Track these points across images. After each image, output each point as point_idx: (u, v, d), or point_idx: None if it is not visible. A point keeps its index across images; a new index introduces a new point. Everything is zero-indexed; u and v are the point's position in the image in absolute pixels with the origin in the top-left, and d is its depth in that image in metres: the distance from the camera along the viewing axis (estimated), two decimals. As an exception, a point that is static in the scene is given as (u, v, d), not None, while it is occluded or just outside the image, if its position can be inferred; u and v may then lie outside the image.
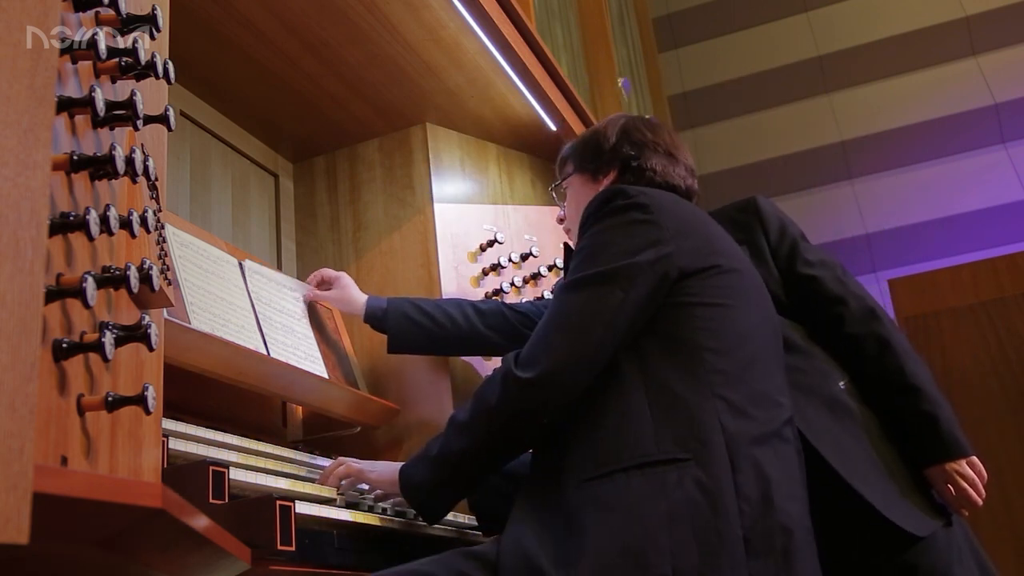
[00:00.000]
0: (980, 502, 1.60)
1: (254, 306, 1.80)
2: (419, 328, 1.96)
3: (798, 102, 4.97)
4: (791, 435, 1.35)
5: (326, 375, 1.92)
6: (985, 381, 3.75)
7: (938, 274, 4.09)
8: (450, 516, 1.70)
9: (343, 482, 1.51)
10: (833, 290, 1.74)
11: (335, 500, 1.46)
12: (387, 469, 1.48)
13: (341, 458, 1.56)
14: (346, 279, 2.06)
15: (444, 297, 2.20)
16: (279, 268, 2.28)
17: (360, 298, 2.02)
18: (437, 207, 2.32)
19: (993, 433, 3.62)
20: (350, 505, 1.47)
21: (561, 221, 1.76)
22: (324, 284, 2.08)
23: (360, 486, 1.55)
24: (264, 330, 1.79)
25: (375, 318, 1.99)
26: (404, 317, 1.97)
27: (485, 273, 2.34)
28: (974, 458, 1.62)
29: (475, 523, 1.69)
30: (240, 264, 1.84)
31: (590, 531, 1.15)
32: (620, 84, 3.67)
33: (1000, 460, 3.58)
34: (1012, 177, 4.47)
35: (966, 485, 1.59)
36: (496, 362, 2.27)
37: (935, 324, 3.90)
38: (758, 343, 1.37)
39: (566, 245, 1.63)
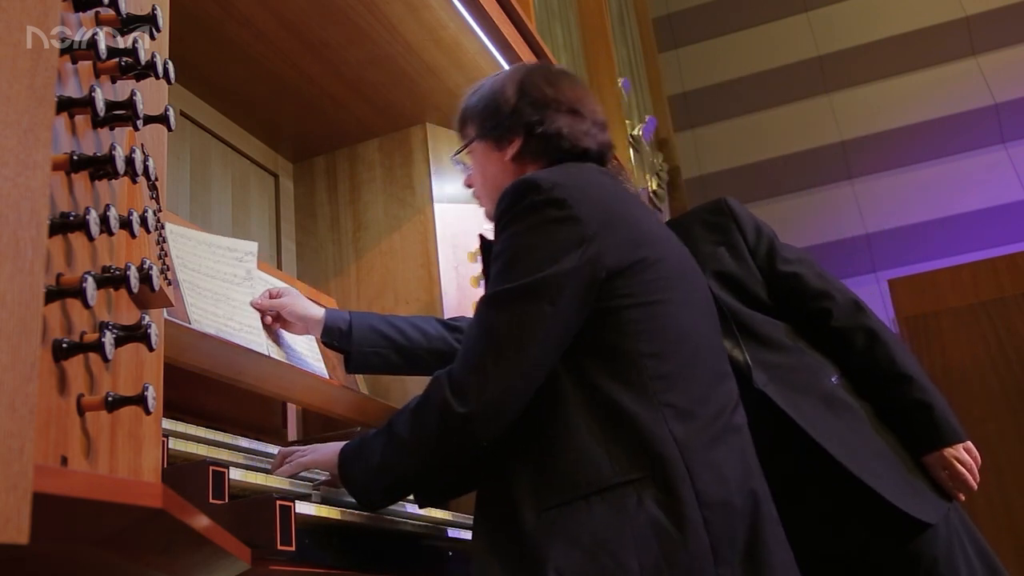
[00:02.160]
0: (975, 486, 1.63)
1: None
2: (388, 341, 1.73)
3: (798, 102, 4.98)
4: (740, 417, 1.33)
5: (326, 375, 1.92)
6: (985, 381, 3.75)
7: (938, 274, 4.09)
8: (451, 517, 1.70)
9: (285, 466, 1.45)
10: (816, 285, 1.75)
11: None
12: (327, 451, 1.41)
13: (283, 452, 1.49)
14: (295, 291, 1.78)
15: (444, 296, 2.20)
16: (279, 268, 2.28)
17: (316, 310, 1.74)
18: (437, 207, 2.32)
19: (993, 433, 3.62)
20: (351, 505, 1.47)
21: (469, 186, 1.62)
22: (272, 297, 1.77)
23: (310, 474, 1.49)
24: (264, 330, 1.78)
25: (337, 331, 1.71)
26: (371, 329, 1.73)
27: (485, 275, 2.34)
28: (969, 443, 1.64)
29: (462, 520, 1.68)
30: (255, 250, 1.83)
31: (556, 563, 1.12)
32: (620, 84, 3.67)
33: (1000, 460, 3.58)
34: (1012, 177, 4.47)
35: (963, 470, 1.62)
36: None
37: (935, 324, 3.90)
38: (699, 333, 1.34)
39: (482, 237, 1.50)
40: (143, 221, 0.79)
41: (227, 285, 1.79)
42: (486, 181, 1.55)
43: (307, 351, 1.91)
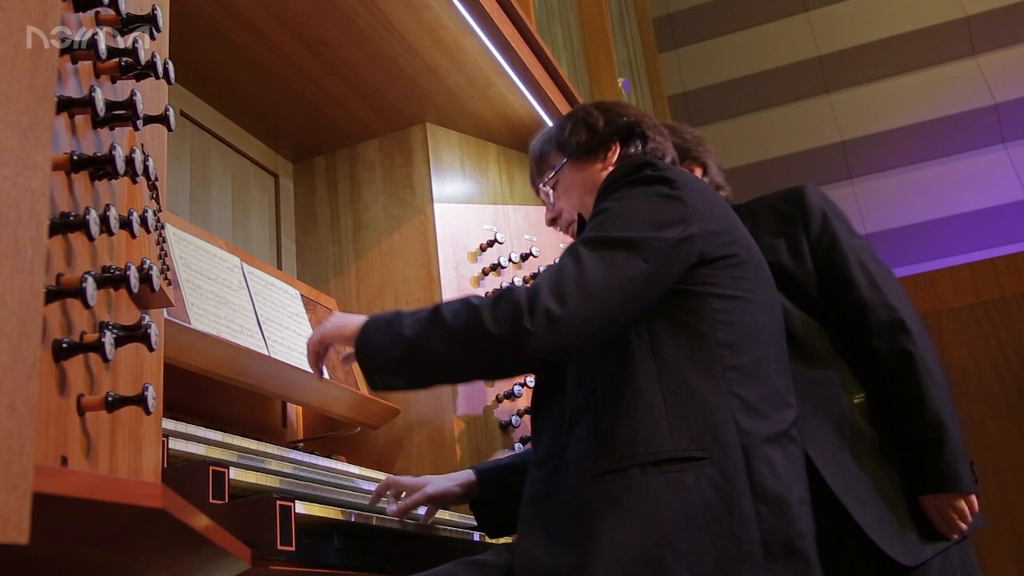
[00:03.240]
0: (961, 533, 1.57)
1: (255, 306, 1.80)
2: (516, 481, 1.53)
3: (798, 102, 4.97)
4: (798, 436, 1.34)
5: (326, 375, 1.92)
6: (985, 381, 3.75)
7: (938, 274, 4.09)
8: (450, 516, 1.70)
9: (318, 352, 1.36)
10: (863, 296, 1.66)
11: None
12: (353, 319, 1.30)
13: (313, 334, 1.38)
14: (427, 478, 1.60)
15: (444, 296, 2.20)
16: (279, 268, 2.28)
17: (454, 486, 1.59)
18: (437, 207, 2.32)
19: (993, 433, 3.62)
20: (351, 505, 1.47)
21: (554, 221, 1.64)
22: (405, 492, 1.58)
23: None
24: (264, 330, 1.79)
25: (475, 499, 1.61)
26: (499, 484, 1.61)
27: (485, 273, 2.34)
28: (972, 496, 1.57)
29: (474, 523, 1.68)
30: (241, 264, 1.84)
31: (608, 534, 1.13)
32: (620, 84, 3.67)
33: (1000, 460, 3.58)
34: (1012, 177, 4.47)
35: (954, 516, 1.56)
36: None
37: (935, 324, 3.90)
38: (770, 340, 1.34)
39: (580, 216, 1.52)
40: (143, 221, 0.79)
41: (292, 320, 1.83)
42: (584, 195, 1.54)
43: (307, 351, 1.91)
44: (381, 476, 1.90)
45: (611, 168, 1.51)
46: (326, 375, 1.91)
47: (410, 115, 2.38)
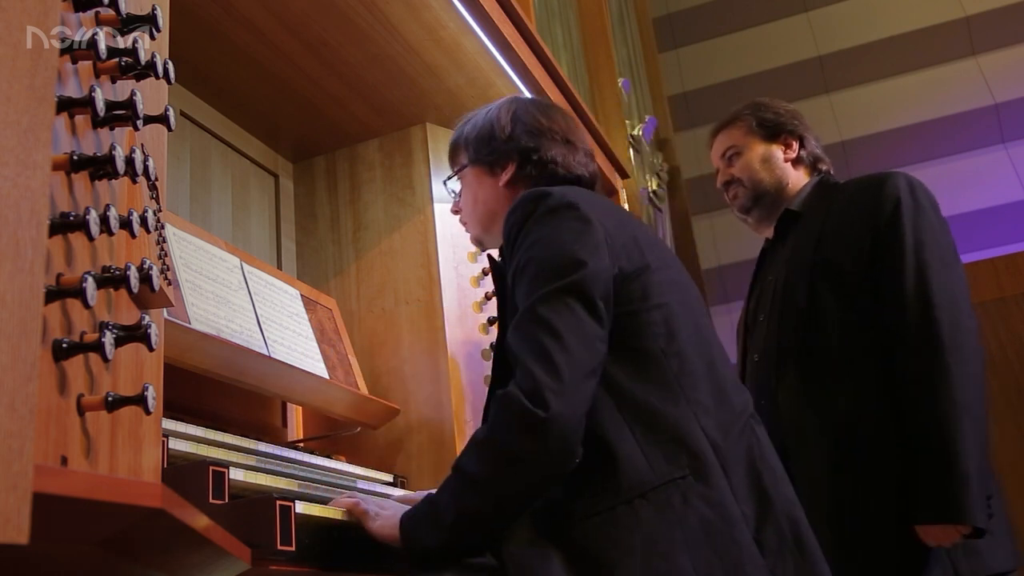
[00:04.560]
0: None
1: (255, 306, 1.80)
2: None
3: (798, 102, 4.96)
4: (759, 422, 1.34)
5: (326, 375, 1.92)
6: (985, 381, 3.75)
7: (938, 274, 4.08)
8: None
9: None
10: (905, 297, 1.63)
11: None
12: (392, 520, 1.28)
13: (357, 497, 1.37)
14: None
15: (444, 296, 2.20)
16: (279, 268, 2.28)
17: None
18: (437, 207, 2.32)
19: (993, 433, 3.61)
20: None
21: (456, 212, 1.66)
22: None
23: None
24: (264, 330, 1.79)
25: None
26: None
27: (485, 273, 2.34)
28: (962, 527, 1.53)
29: None
30: (241, 264, 1.84)
31: (607, 567, 1.11)
32: (620, 84, 3.67)
33: (1000, 460, 3.56)
34: (1012, 177, 4.47)
35: (932, 543, 1.56)
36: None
37: (935, 324, 3.89)
38: (704, 336, 1.34)
39: (491, 258, 1.53)
40: (143, 221, 0.79)
41: (292, 320, 1.82)
42: (476, 206, 1.57)
43: (307, 351, 1.91)
44: (381, 476, 1.90)
45: (502, 189, 1.52)
46: (326, 375, 1.91)
47: (410, 115, 2.38)
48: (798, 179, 1.97)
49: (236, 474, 1.26)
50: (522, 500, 1.19)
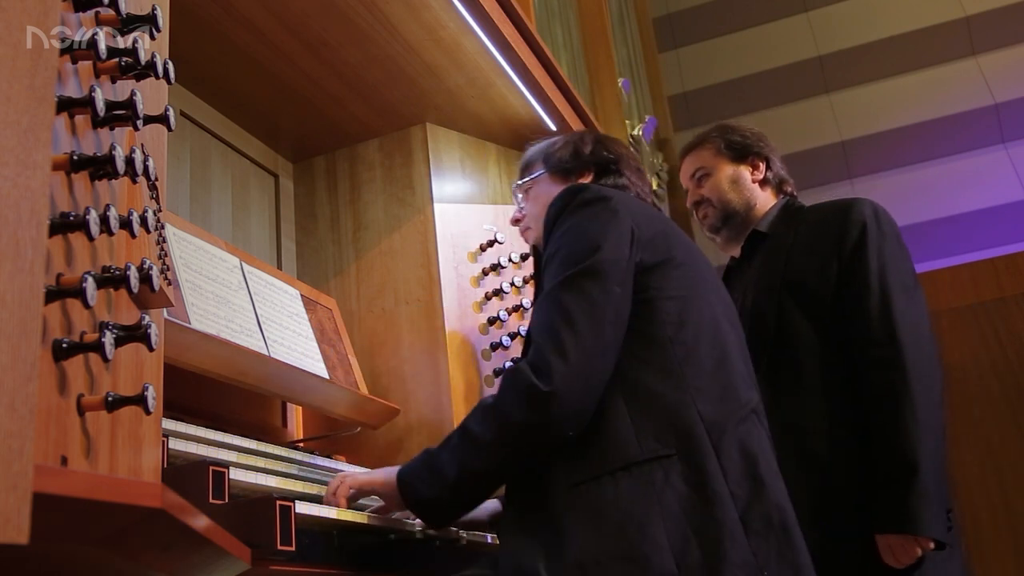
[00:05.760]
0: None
1: (255, 306, 1.80)
2: None
3: (798, 102, 4.97)
4: (763, 420, 1.38)
5: (326, 375, 1.92)
6: (985, 382, 3.75)
7: (938, 274, 4.08)
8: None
9: (340, 487, 1.43)
10: (872, 325, 1.67)
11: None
12: (382, 473, 1.40)
13: (340, 474, 1.46)
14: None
15: (444, 296, 2.20)
16: (279, 268, 2.28)
17: (484, 516, 1.64)
18: (437, 207, 2.32)
19: (993, 433, 3.62)
20: (350, 505, 1.47)
21: (517, 221, 1.73)
22: None
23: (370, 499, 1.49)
24: (264, 330, 1.79)
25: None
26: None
27: (485, 273, 2.34)
28: (930, 543, 1.56)
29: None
30: (241, 264, 1.84)
31: (586, 537, 1.16)
32: (620, 84, 3.67)
33: (1000, 460, 3.58)
34: (1012, 177, 4.47)
35: (893, 560, 1.57)
36: (495, 361, 2.27)
37: (935, 325, 3.88)
38: (723, 330, 1.39)
39: (534, 248, 1.62)
40: (143, 221, 0.79)
41: (292, 320, 1.82)
42: (545, 210, 1.58)
43: (307, 351, 1.91)
44: (381, 476, 1.90)
45: None
46: (326, 375, 1.91)
47: (410, 115, 2.38)
48: (765, 200, 2.02)
49: (236, 474, 1.26)
50: (520, 464, 1.28)
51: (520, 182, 1.73)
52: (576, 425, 1.23)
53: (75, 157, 0.70)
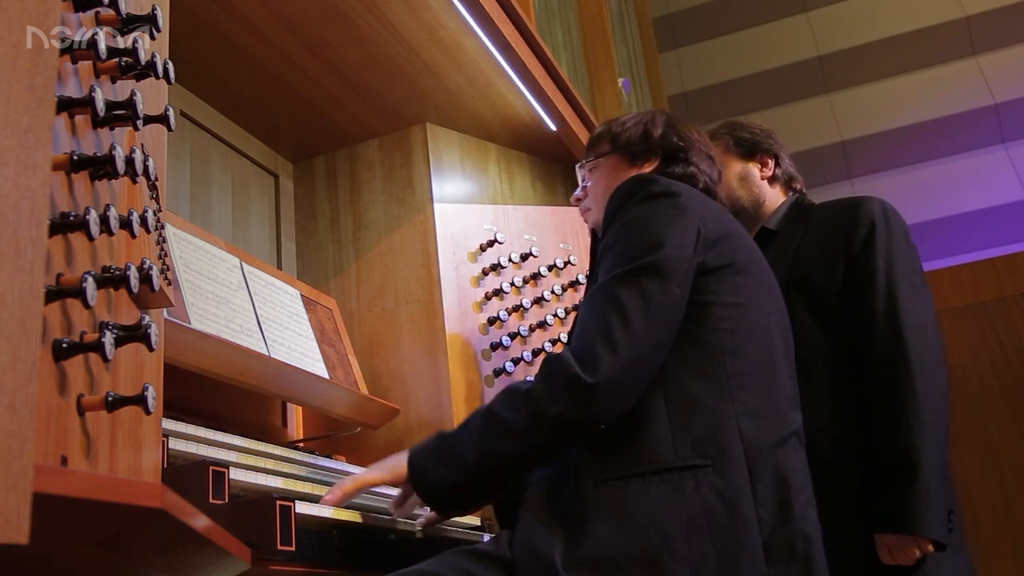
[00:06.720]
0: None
1: (255, 306, 1.80)
2: None
3: (798, 102, 4.97)
4: (803, 442, 1.35)
5: (326, 375, 1.92)
6: (985, 382, 3.75)
7: (938, 274, 4.08)
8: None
9: (347, 484, 1.38)
10: (874, 322, 1.66)
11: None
12: (389, 463, 1.34)
13: (344, 479, 1.39)
14: None
15: (444, 296, 2.20)
16: (279, 268, 2.28)
17: None
18: (437, 207, 2.32)
19: (993, 433, 3.62)
20: (351, 505, 1.47)
21: (579, 201, 1.66)
22: None
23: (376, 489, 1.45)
24: (264, 330, 1.79)
25: None
26: None
27: (485, 273, 2.34)
28: (927, 546, 1.55)
29: (477, 523, 1.68)
30: (241, 264, 1.84)
31: (607, 534, 1.14)
32: (620, 84, 3.66)
33: (1000, 460, 3.58)
34: (1012, 177, 4.47)
35: (891, 557, 1.57)
36: (495, 361, 2.27)
37: (935, 324, 3.89)
38: (774, 344, 1.35)
39: (593, 232, 1.57)
40: (143, 221, 0.79)
41: (292, 320, 1.81)
42: (607, 194, 1.54)
43: (307, 351, 1.91)
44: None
45: None
46: (326, 375, 1.91)
47: (410, 115, 2.38)
48: (774, 197, 2.00)
49: (236, 474, 1.26)
50: (546, 455, 1.25)
51: (584, 161, 1.66)
52: (609, 420, 1.20)
53: (75, 157, 0.70)
